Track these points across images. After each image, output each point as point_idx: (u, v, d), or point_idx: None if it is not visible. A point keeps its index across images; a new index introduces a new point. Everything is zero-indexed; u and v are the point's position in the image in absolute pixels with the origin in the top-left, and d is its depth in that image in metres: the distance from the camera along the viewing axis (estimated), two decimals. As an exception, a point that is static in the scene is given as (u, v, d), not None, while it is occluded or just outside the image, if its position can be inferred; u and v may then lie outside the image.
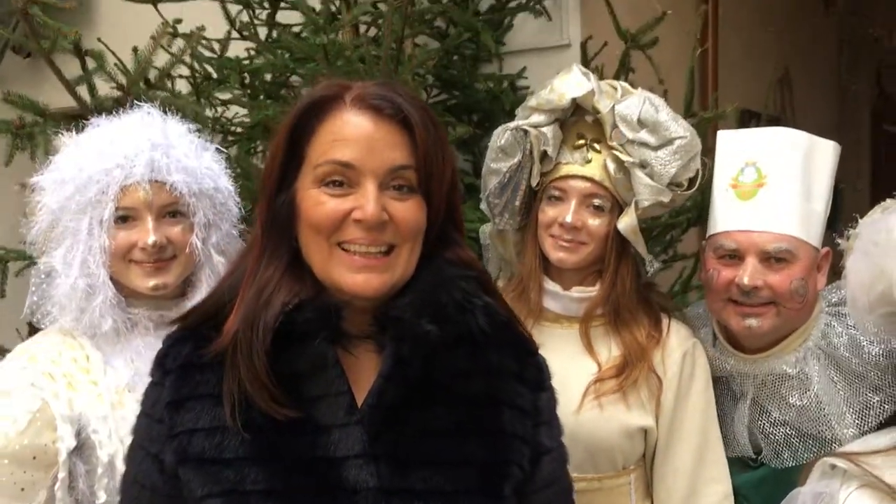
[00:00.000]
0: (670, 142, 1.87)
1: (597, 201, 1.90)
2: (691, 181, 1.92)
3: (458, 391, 1.25)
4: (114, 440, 1.63)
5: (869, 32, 6.32)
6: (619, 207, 1.92)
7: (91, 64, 2.27)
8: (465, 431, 1.25)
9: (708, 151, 2.07)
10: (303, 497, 1.18)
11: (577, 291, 1.94)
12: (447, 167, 1.26)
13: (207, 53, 3.00)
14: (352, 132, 1.20)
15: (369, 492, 1.18)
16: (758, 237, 1.82)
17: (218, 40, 3.06)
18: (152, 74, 2.49)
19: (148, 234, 1.67)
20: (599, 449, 1.84)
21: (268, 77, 3.05)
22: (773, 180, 1.85)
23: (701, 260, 2.02)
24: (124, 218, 1.68)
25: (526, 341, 1.37)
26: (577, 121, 1.99)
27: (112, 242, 1.67)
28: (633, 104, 1.90)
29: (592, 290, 1.94)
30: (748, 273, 1.81)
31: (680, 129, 1.88)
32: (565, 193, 1.92)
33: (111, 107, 2.07)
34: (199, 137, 1.79)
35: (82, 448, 1.62)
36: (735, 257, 1.85)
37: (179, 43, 2.60)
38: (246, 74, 2.96)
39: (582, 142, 1.95)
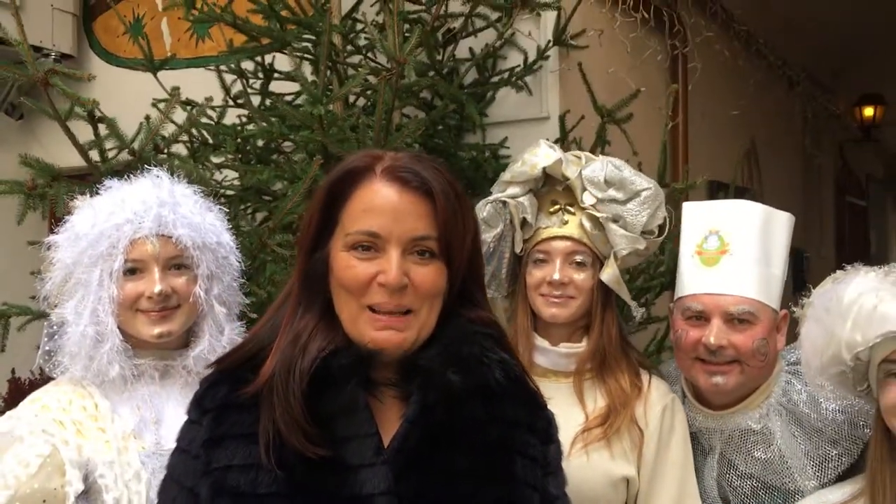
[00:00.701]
0: (637, 194, 2.06)
1: (578, 257, 2.06)
2: (661, 228, 2.11)
3: (475, 438, 1.34)
4: (119, 484, 1.71)
5: (831, 109, 6.57)
6: (599, 261, 2.09)
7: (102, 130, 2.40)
8: (481, 475, 1.33)
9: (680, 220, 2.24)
10: None
11: (564, 347, 2.08)
12: (468, 234, 1.36)
13: (204, 120, 3.13)
14: (380, 203, 1.31)
15: None
16: (722, 300, 1.96)
17: (214, 107, 3.20)
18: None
19: (154, 283, 1.77)
20: (585, 498, 1.92)
21: (260, 143, 3.19)
22: (736, 248, 2.00)
23: (670, 321, 2.15)
24: (133, 270, 1.79)
25: (537, 396, 1.48)
26: (550, 190, 2.17)
27: (121, 293, 1.77)
28: (597, 168, 2.09)
29: (579, 346, 2.07)
30: (714, 333, 1.94)
31: (644, 181, 2.08)
32: (549, 255, 2.08)
33: (122, 169, 2.19)
34: (203, 198, 1.91)
35: (89, 492, 1.69)
36: (701, 318, 1.98)
37: (178, 110, 2.75)
38: (240, 140, 3.09)
39: (557, 207, 2.12)
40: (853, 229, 8.86)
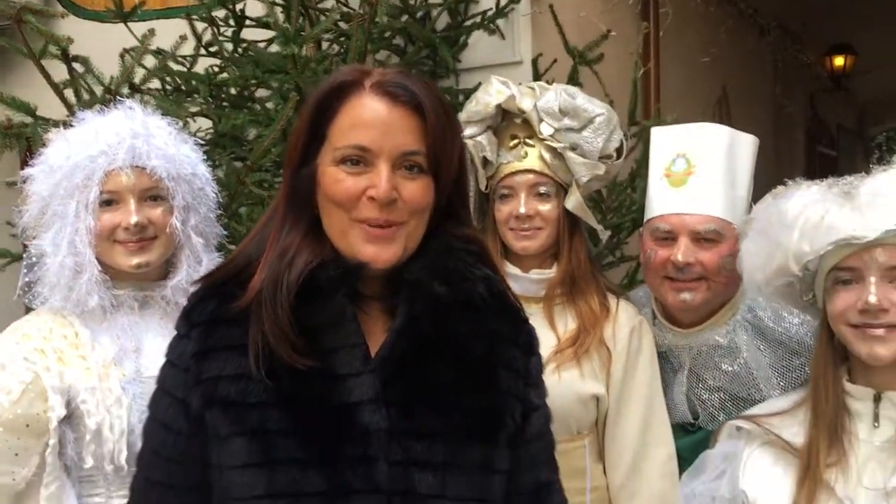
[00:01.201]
0: (591, 121, 2.09)
1: (542, 189, 2.10)
2: (618, 151, 2.15)
3: (460, 350, 1.36)
4: (101, 410, 1.74)
5: (801, 59, 6.59)
6: (563, 190, 2.13)
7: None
8: (465, 385, 1.34)
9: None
10: (321, 436, 1.28)
11: (535, 273, 2.12)
12: (455, 151, 1.37)
13: (176, 68, 3.13)
14: (369, 117, 1.30)
15: (380, 432, 1.28)
16: (689, 219, 2.02)
17: (186, 56, 3.20)
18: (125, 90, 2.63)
19: (130, 214, 1.79)
20: (557, 416, 1.95)
21: (233, 91, 3.19)
22: (701, 169, 2.06)
23: (640, 245, 2.21)
24: (108, 202, 1.80)
25: (519, 310, 1.50)
26: (509, 124, 2.20)
27: (97, 224, 1.79)
28: (551, 98, 2.11)
29: (550, 272, 2.12)
30: (681, 251, 2.00)
31: (597, 107, 2.11)
32: (513, 189, 2.12)
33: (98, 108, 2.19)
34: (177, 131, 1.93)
35: (71, 417, 1.73)
36: (669, 238, 2.05)
37: (151, 59, 2.75)
38: (213, 87, 3.08)
39: (516, 141, 2.16)
40: (823, 179, 8.91)
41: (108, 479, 1.76)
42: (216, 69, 3.24)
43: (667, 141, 2.16)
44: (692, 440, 2.12)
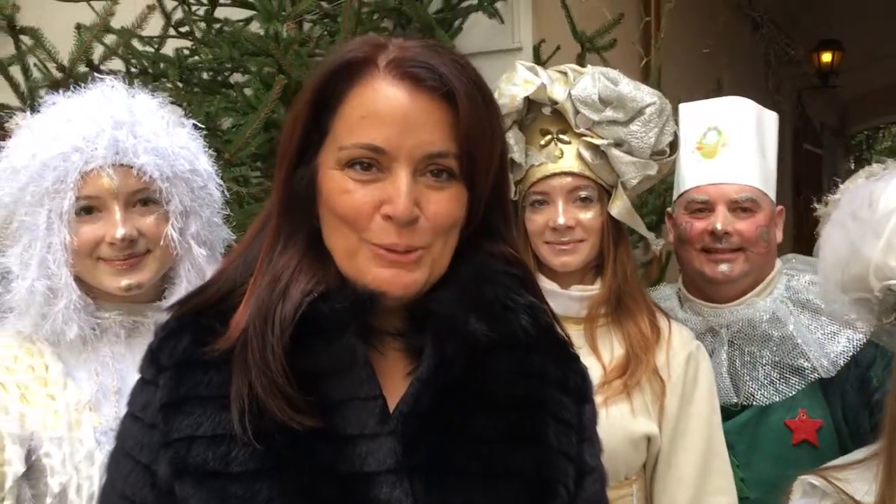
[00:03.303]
0: (640, 112, 1.81)
1: (582, 193, 1.82)
2: (672, 145, 1.89)
3: (500, 400, 1.11)
4: (67, 467, 1.43)
5: (790, 53, 6.52)
6: (606, 193, 1.84)
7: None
8: (507, 442, 1.10)
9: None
10: None
11: (576, 290, 1.84)
12: (496, 151, 1.09)
13: (143, 48, 2.81)
14: (384, 107, 1.02)
15: None
16: (726, 188, 1.97)
17: (153, 37, 2.88)
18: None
19: (116, 226, 1.46)
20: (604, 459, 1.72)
21: (205, 75, 2.88)
22: (733, 140, 2.01)
23: (668, 227, 2.13)
24: (88, 209, 1.48)
25: (568, 346, 1.23)
26: (536, 117, 1.89)
27: (75, 238, 1.46)
28: (587, 85, 1.81)
29: (593, 289, 1.84)
30: (720, 219, 1.94)
31: (646, 95, 1.82)
32: (548, 196, 1.83)
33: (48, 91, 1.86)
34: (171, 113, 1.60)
35: (31, 471, 1.41)
36: (705, 209, 1.98)
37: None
38: (184, 70, 2.76)
39: (548, 137, 1.86)
40: (809, 177, 8.84)
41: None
42: (187, 51, 2.91)
43: (696, 115, 2.07)
44: (737, 422, 1.98)
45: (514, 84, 1.85)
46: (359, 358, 1.06)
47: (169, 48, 2.93)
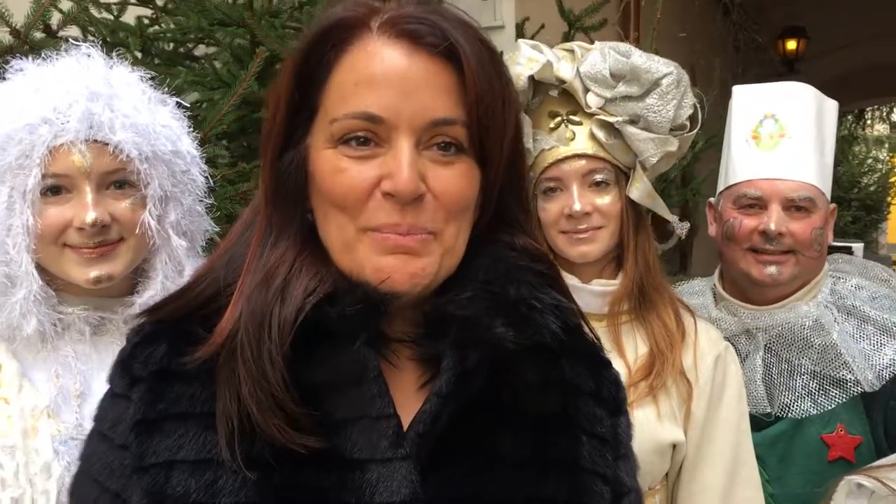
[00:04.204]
0: (656, 84, 1.67)
1: (598, 176, 1.69)
2: (692, 119, 1.74)
3: (527, 413, 0.98)
4: (21, 480, 1.28)
5: (757, 40, 6.52)
6: (623, 176, 1.71)
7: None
8: (537, 466, 0.97)
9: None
10: None
11: (597, 285, 1.71)
12: (509, 118, 0.96)
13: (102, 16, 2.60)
14: (380, 71, 0.90)
15: None
16: (782, 185, 1.84)
17: (112, 4, 2.66)
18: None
19: (86, 209, 1.30)
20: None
21: (168, 46, 2.68)
22: (793, 131, 1.88)
23: (712, 214, 2.02)
24: (55, 189, 1.31)
25: (598, 350, 1.11)
26: (543, 100, 1.75)
27: (39, 220, 1.30)
28: (597, 60, 1.68)
29: (615, 283, 1.71)
30: (774, 219, 1.82)
31: (661, 66, 1.67)
32: (561, 181, 1.69)
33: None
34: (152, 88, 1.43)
35: None
36: (757, 206, 1.86)
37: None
38: (146, 39, 2.57)
39: (558, 119, 1.73)
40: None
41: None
42: (147, 20, 2.71)
43: (752, 100, 1.95)
44: (768, 435, 1.86)
45: (518, 63, 1.71)
46: (370, 370, 0.93)
47: (129, 16, 2.72)
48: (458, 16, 0.94)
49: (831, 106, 1.97)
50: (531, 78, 1.70)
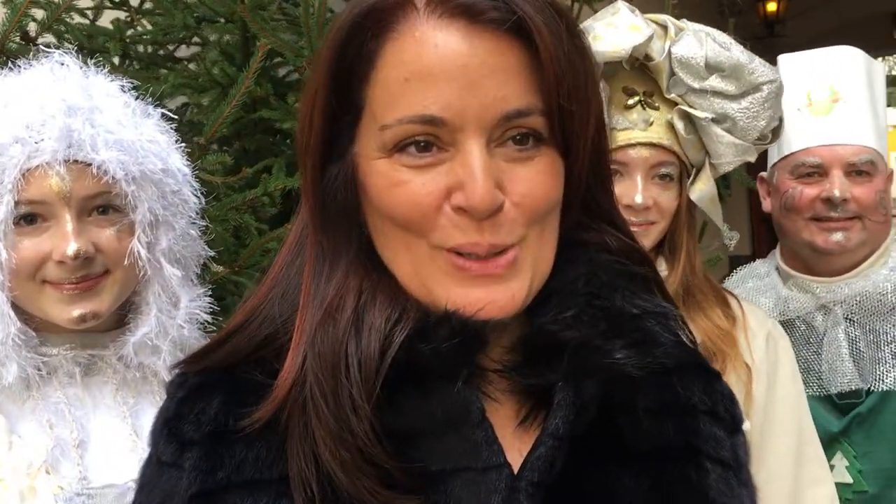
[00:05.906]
0: (757, 88, 1.54)
1: (664, 170, 1.59)
2: (774, 131, 1.65)
3: (646, 444, 0.84)
4: None
5: (738, 3, 6.45)
6: (686, 173, 1.62)
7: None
8: (661, 501, 0.83)
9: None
10: None
11: None
12: (593, 101, 0.82)
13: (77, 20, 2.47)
14: (434, 61, 0.75)
15: None
16: (842, 150, 1.83)
17: (87, 9, 2.52)
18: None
19: (67, 239, 1.16)
20: None
21: (147, 49, 2.55)
22: (848, 95, 1.87)
23: (767, 189, 1.99)
24: (30, 217, 1.18)
25: (705, 360, 0.97)
26: (615, 72, 1.60)
27: (13, 254, 1.16)
28: (693, 45, 1.53)
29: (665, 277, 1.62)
30: (837, 185, 1.80)
31: (767, 70, 1.56)
32: (626, 167, 1.57)
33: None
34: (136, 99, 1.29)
35: None
36: (816, 174, 1.84)
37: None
38: (126, 42, 2.44)
39: (636, 98, 1.59)
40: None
41: None
42: (124, 23, 2.56)
43: (801, 68, 1.93)
44: (856, 410, 1.80)
45: (617, 28, 1.54)
46: (473, 413, 0.79)
47: (106, 19, 2.58)
48: None
49: (879, 68, 1.96)
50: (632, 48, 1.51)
